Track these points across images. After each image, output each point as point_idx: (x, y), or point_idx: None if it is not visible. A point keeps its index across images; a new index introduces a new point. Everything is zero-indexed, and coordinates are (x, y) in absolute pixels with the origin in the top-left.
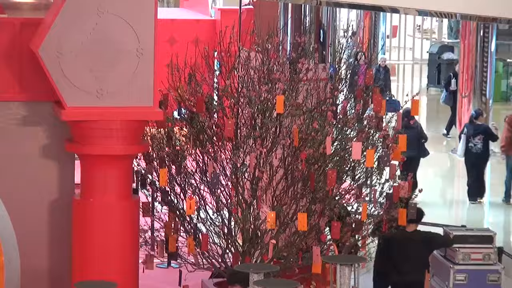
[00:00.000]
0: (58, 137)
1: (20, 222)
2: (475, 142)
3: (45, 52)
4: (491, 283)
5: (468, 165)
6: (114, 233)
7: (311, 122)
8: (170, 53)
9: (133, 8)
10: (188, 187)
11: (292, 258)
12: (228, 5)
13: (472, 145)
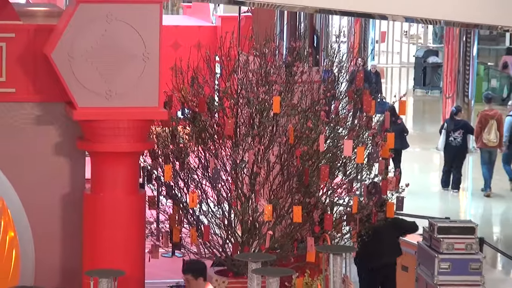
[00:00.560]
0: (69, 135)
1: (34, 216)
2: (455, 136)
3: (58, 56)
4: (473, 271)
5: (447, 158)
6: (122, 225)
7: (306, 121)
8: (174, 57)
9: (140, 15)
10: (191, 182)
11: (288, 248)
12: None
13: (452, 139)
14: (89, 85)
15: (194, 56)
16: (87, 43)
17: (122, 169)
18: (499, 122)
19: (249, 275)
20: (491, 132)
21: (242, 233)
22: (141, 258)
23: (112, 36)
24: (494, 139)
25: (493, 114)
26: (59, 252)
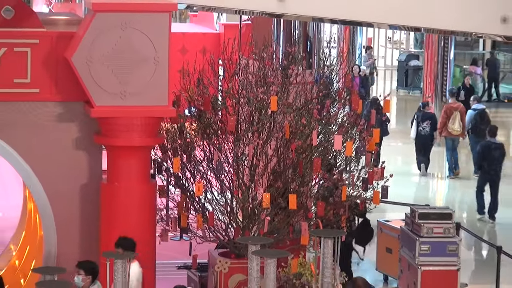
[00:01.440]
0: (88, 131)
1: (56, 202)
2: (423, 126)
3: (77, 60)
4: (450, 252)
5: (417, 145)
6: (135, 211)
7: (300, 118)
8: (181, 61)
9: (151, 23)
10: (197, 173)
11: (284, 232)
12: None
13: (421, 129)
14: (105, 86)
15: (200, 60)
16: (103, 48)
17: (135, 161)
18: (462, 114)
19: (249, 257)
20: (455, 122)
21: (243, 219)
22: (152, 241)
23: (126, 42)
24: (458, 128)
25: (456, 107)
26: (79, 235)
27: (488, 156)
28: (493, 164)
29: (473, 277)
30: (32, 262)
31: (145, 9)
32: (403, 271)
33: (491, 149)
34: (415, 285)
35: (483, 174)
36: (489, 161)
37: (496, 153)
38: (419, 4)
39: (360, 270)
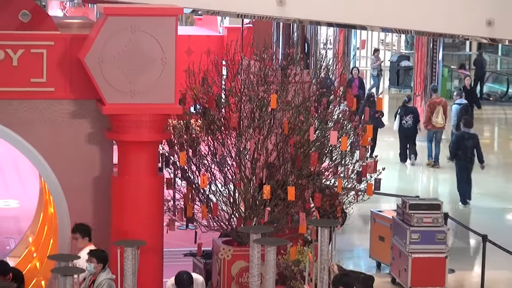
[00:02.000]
0: (100, 127)
1: (70, 194)
2: (406, 120)
3: (90, 61)
4: (439, 241)
5: (401, 137)
6: (144, 202)
7: (298, 115)
8: (187, 61)
9: (159, 26)
10: (202, 166)
11: (283, 222)
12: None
13: (404, 122)
14: (116, 84)
15: (204, 60)
16: (114, 50)
17: (144, 156)
18: (444, 108)
19: (251, 245)
20: (438, 115)
21: (245, 209)
22: (160, 230)
23: (135, 44)
24: (441, 121)
25: (439, 101)
26: (91, 225)
27: (462, 145)
28: (467, 152)
29: (460, 264)
30: (48, 250)
31: (153, 13)
32: (395, 258)
33: (465, 139)
34: (406, 271)
35: (459, 162)
36: (463, 150)
37: (470, 143)
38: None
39: (355, 257)
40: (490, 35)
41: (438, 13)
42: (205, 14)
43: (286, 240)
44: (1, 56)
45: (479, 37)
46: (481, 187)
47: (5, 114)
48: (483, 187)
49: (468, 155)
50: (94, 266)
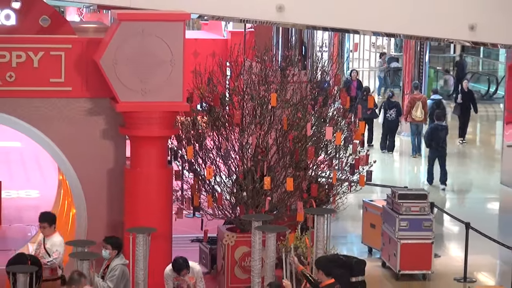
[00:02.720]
0: (113, 123)
1: (87, 185)
2: (390, 113)
3: (105, 62)
4: (425, 228)
5: (384, 129)
6: (154, 192)
7: (296, 112)
8: (194, 63)
9: (168, 30)
10: (208, 159)
11: (282, 210)
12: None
13: (388, 115)
14: (128, 84)
15: (210, 62)
16: (127, 52)
17: (154, 149)
18: (424, 103)
19: (252, 231)
20: (418, 110)
21: (247, 199)
22: (169, 218)
23: (146, 47)
24: (420, 115)
25: (419, 97)
26: (106, 213)
27: (435, 136)
28: (439, 142)
29: (445, 249)
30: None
31: (163, 18)
32: (385, 244)
33: (438, 130)
34: (395, 256)
35: (432, 150)
36: (436, 140)
37: (442, 134)
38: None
39: (348, 243)
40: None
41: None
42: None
43: (285, 227)
44: (23, 58)
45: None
46: (464, 178)
47: (27, 112)
48: (467, 178)
49: (440, 144)
50: (109, 252)
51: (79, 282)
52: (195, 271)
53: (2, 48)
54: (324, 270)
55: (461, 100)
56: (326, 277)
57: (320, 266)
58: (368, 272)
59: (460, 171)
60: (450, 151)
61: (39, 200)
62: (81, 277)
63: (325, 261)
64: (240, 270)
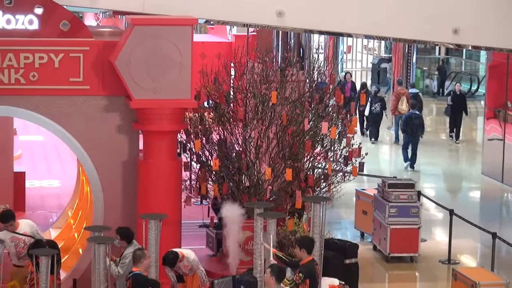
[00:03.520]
0: (128, 119)
1: (103, 175)
2: (375, 107)
3: (120, 63)
4: (413, 214)
5: (370, 120)
6: (165, 182)
7: (295, 109)
8: (201, 64)
9: (177, 34)
10: (214, 152)
11: (282, 198)
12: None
13: (374, 108)
14: (141, 83)
15: (216, 63)
16: (140, 54)
17: (165, 143)
18: (408, 97)
19: (255, 217)
20: (403, 103)
21: (249, 188)
22: (179, 205)
23: (158, 49)
24: (405, 108)
25: (403, 92)
26: (121, 201)
27: (409, 123)
28: (413, 129)
29: (431, 234)
30: (84, 222)
31: (172, 23)
32: (376, 229)
33: (412, 118)
34: (385, 240)
35: (406, 136)
36: (410, 127)
37: (416, 121)
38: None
39: (342, 228)
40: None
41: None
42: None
43: (284, 214)
44: (45, 60)
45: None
46: (448, 169)
47: (48, 108)
48: (450, 169)
49: (414, 131)
50: (118, 241)
51: (143, 256)
52: (190, 260)
53: (26, 50)
54: (307, 249)
55: (451, 102)
56: (307, 255)
57: (303, 245)
58: (360, 254)
59: (445, 162)
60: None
61: (60, 189)
62: (143, 251)
63: (307, 240)
64: (244, 253)
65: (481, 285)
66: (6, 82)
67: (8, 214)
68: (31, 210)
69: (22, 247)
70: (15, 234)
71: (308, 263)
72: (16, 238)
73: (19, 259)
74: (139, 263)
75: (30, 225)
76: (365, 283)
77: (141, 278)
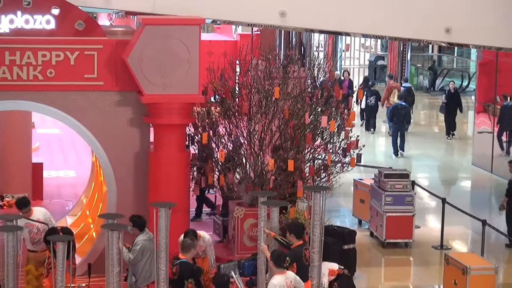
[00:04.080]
0: (139, 113)
1: (116, 166)
2: (370, 99)
3: (132, 60)
4: (407, 203)
5: (366, 113)
6: (174, 172)
7: (296, 103)
8: (208, 61)
9: (186, 33)
10: (220, 144)
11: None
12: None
13: (369, 101)
14: (152, 79)
15: (222, 60)
16: (151, 52)
17: (174, 135)
18: (399, 90)
19: (259, 206)
20: (394, 96)
21: (254, 178)
22: (187, 194)
23: (167, 47)
24: (396, 100)
25: (395, 86)
26: (133, 190)
27: (396, 113)
28: (400, 118)
29: (424, 221)
30: (99, 209)
31: (181, 23)
32: (373, 216)
33: (399, 109)
34: (382, 227)
35: (394, 125)
36: (397, 117)
37: (402, 112)
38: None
39: (341, 215)
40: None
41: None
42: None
43: (287, 202)
44: (61, 57)
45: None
46: (442, 160)
47: (65, 103)
48: (443, 160)
49: (401, 120)
50: (130, 228)
51: (193, 246)
52: (206, 240)
53: (44, 49)
54: (296, 234)
55: (445, 99)
56: (297, 240)
57: (291, 230)
58: (358, 240)
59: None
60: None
61: (75, 179)
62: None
63: (296, 226)
64: (248, 239)
65: (471, 269)
66: (25, 79)
67: (24, 201)
68: (48, 199)
69: (36, 232)
70: (29, 220)
71: (297, 247)
72: (30, 224)
73: (33, 244)
74: (188, 251)
75: (43, 213)
76: (362, 267)
77: (188, 266)
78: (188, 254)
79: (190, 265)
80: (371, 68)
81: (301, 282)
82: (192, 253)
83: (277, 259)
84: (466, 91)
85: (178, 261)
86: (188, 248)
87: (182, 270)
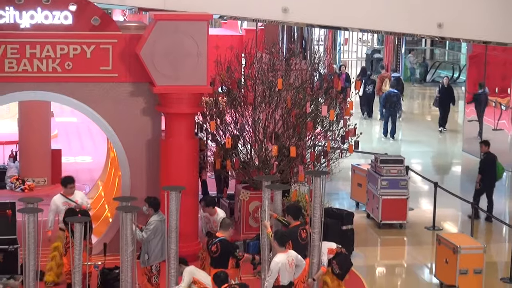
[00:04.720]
0: (151, 102)
1: (130, 152)
2: (368, 88)
3: (144, 54)
4: (402, 186)
5: (364, 100)
6: (184, 158)
7: (298, 94)
8: (216, 54)
9: (195, 28)
10: (227, 131)
11: (287, 172)
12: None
13: (367, 89)
14: (163, 71)
15: (228, 54)
16: (162, 45)
17: (184, 124)
18: (390, 79)
19: (263, 189)
20: (387, 85)
21: (258, 163)
22: (196, 179)
23: (178, 41)
24: (388, 88)
25: (386, 75)
26: (145, 175)
27: (388, 100)
28: (392, 104)
29: (418, 204)
30: (113, 193)
31: (190, 18)
32: (369, 199)
33: (391, 96)
34: (378, 209)
35: (386, 110)
36: (389, 103)
37: (394, 98)
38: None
39: (340, 198)
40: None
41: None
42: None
43: (289, 186)
44: (78, 51)
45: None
46: (434, 147)
47: (82, 93)
48: (436, 147)
49: (393, 106)
50: (146, 208)
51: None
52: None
53: (62, 43)
54: (293, 215)
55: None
56: (294, 220)
57: (289, 212)
58: (355, 222)
59: (431, 142)
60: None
61: (91, 164)
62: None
63: (293, 208)
64: (253, 220)
65: (462, 248)
66: (45, 71)
67: (69, 179)
68: None
69: None
70: (68, 199)
71: (293, 227)
72: (67, 204)
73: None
74: (226, 230)
75: (81, 196)
76: (360, 246)
77: (227, 243)
78: (226, 232)
79: (228, 242)
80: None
81: (302, 260)
82: (230, 231)
83: (280, 238)
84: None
85: (218, 239)
86: (227, 227)
87: (223, 247)
